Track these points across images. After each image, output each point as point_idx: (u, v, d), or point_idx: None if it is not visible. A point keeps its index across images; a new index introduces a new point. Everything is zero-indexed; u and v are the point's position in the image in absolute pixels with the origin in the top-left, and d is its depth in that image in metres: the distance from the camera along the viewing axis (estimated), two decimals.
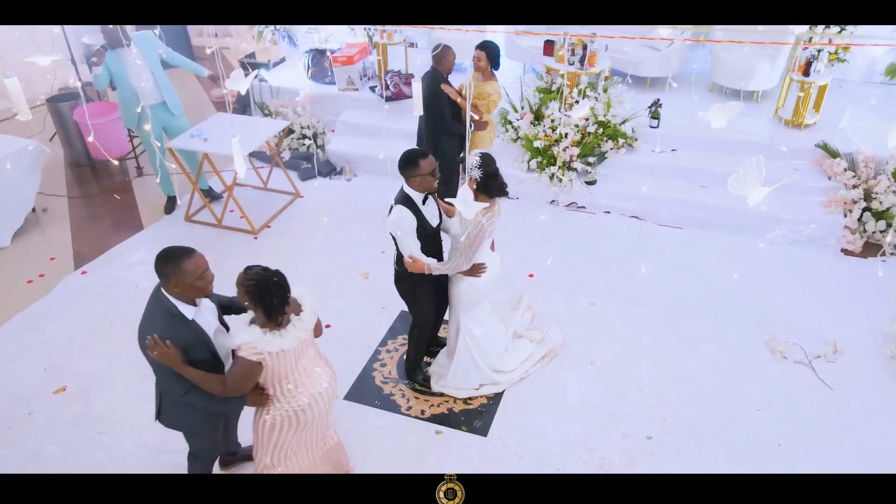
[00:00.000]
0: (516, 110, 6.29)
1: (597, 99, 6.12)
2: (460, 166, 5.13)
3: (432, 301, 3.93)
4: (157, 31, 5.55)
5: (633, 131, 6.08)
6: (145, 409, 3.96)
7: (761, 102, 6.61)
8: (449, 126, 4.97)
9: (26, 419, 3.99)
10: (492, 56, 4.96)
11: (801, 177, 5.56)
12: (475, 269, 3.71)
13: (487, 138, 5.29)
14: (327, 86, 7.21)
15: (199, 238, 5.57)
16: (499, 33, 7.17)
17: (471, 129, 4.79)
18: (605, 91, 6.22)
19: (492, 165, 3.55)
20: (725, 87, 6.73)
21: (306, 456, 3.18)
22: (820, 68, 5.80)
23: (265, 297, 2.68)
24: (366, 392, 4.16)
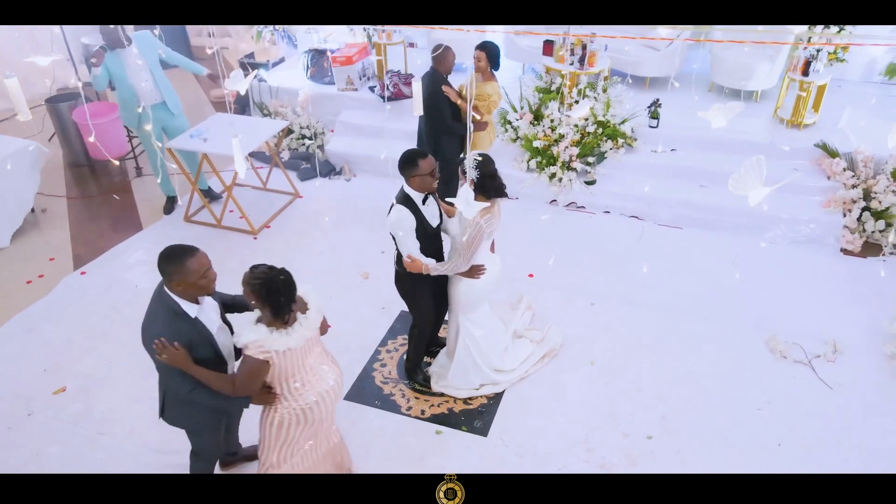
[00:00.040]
0: (516, 110, 6.29)
1: (596, 99, 6.12)
2: (460, 167, 5.13)
3: (432, 301, 3.93)
4: (157, 31, 5.54)
5: (632, 131, 6.09)
6: (145, 410, 3.96)
7: (760, 102, 6.62)
8: (449, 126, 4.97)
9: (26, 420, 3.99)
10: (492, 56, 4.96)
11: (801, 176, 5.57)
12: (474, 271, 3.69)
13: (487, 139, 5.29)
14: (326, 86, 7.22)
15: (198, 238, 5.56)
16: (498, 33, 7.17)
17: (471, 129, 4.79)
18: (604, 91, 6.22)
19: (489, 166, 3.53)
20: (725, 87, 6.73)
21: (311, 453, 3.18)
22: (819, 68, 5.81)
23: (272, 296, 2.67)
24: (366, 392, 4.16)
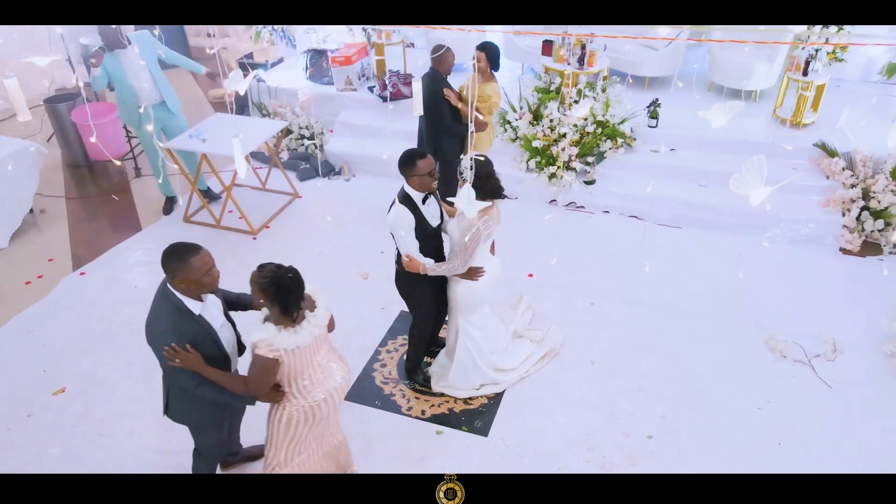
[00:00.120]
0: (515, 110, 6.29)
1: (595, 99, 6.12)
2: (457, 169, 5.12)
3: (432, 301, 3.93)
4: (157, 31, 5.54)
5: (631, 131, 6.09)
6: (145, 410, 3.96)
7: (759, 102, 6.62)
8: (449, 126, 4.97)
9: (26, 421, 3.98)
10: (492, 57, 4.96)
11: (800, 176, 5.57)
12: (472, 273, 3.67)
13: (487, 139, 5.28)
14: (325, 86, 7.21)
15: (197, 239, 5.44)
16: (497, 33, 7.17)
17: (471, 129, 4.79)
18: (603, 91, 6.22)
19: (485, 168, 3.49)
20: (724, 87, 6.74)
21: (316, 451, 3.19)
22: (818, 68, 5.82)
23: (281, 294, 2.67)
24: (366, 392, 4.16)
